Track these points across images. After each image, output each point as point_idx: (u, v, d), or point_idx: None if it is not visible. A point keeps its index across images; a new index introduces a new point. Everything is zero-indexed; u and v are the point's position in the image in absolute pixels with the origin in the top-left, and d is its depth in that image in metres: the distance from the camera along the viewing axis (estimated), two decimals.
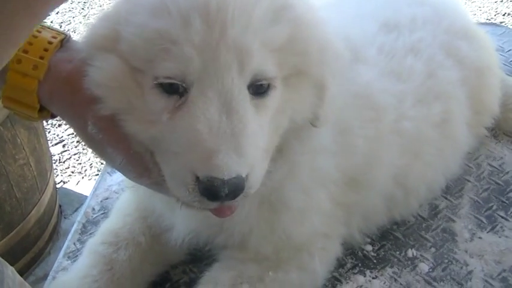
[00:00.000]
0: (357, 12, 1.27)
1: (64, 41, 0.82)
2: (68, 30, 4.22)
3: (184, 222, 1.00)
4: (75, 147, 3.21)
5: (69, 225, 2.51)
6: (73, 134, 3.30)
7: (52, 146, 3.35)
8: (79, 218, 1.25)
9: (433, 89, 1.16)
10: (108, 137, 0.79)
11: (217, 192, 0.69)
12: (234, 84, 0.71)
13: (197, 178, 0.70)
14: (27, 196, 2.44)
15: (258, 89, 0.75)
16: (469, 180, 1.29)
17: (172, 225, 1.03)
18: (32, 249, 2.48)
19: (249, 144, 0.71)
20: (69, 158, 3.14)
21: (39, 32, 0.81)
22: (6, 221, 2.31)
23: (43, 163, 2.54)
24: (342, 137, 1.00)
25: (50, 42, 0.80)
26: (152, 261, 1.08)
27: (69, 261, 1.15)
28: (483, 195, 1.25)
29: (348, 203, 1.06)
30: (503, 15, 4.25)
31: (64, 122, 3.46)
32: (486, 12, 4.31)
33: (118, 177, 1.34)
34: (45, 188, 2.49)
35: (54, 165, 2.84)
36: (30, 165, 2.44)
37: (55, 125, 3.59)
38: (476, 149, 1.37)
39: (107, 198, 1.29)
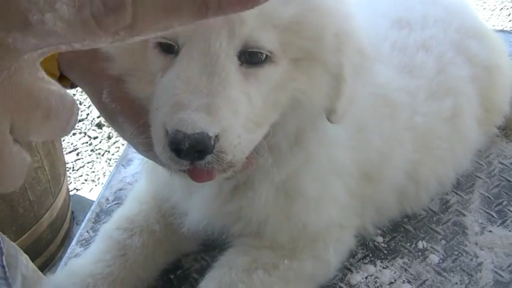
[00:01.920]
0: (368, 9, 1.30)
1: None
2: None
3: (201, 210, 1.01)
4: (89, 155, 3.24)
5: None
6: (87, 142, 3.34)
7: (66, 153, 3.39)
8: (93, 207, 1.27)
9: (444, 85, 1.18)
10: (121, 106, 0.81)
11: (178, 145, 0.69)
12: (221, 48, 0.72)
13: (167, 132, 0.71)
14: (40, 199, 2.46)
15: (251, 57, 0.75)
16: (479, 177, 1.30)
17: (188, 212, 1.04)
18: (43, 253, 2.49)
19: (224, 107, 0.71)
20: (82, 166, 3.17)
21: None
22: (19, 223, 2.33)
23: (57, 168, 2.57)
24: (358, 134, 1.02)
25: None
26: (165, 249, 1.09)
27: (82, 249, 1.17)
28: (494, 191, 1.26)
29: (362, 195, 1.07)
30: None
31: (77, 130, 3.50)
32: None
33: (132, 169, 1.36)
34: (59, 193, 2.51)
35: (68, 173, 2.87)
36: (45, 169, 2.47)
37: (69, 133, 3.63)
38: (488, 148, 1.37)
39: (120, 189, 1.31)
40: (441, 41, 1.24)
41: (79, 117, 3.78)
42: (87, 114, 3.82)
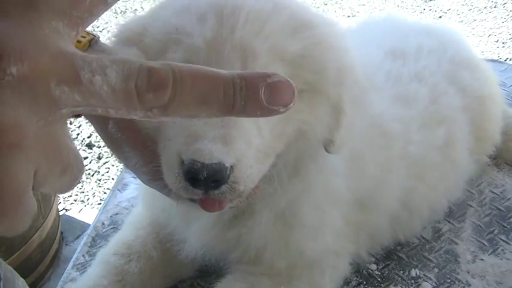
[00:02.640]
0: (363, 39, 1.33)
1: (92, 41, 0.86)
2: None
3: (199, 238, 1.02)
4: None
5: (70, 252, 2.51)
6: None
7: None
8: (89, 231, 1.28)
9: (437, 114, 1.21)
10: (126, 136, 0.82)
11: (196, 175, 0.70)
12: None
13: (182, 162, 0.72)
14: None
15: None
16: (471, 206, 1.32)
17: (186, 239, 1.04)
18: (32, 274, 2.47)
19: (238, 138, 0.73)
20: None
21: None
22: (7, 244, 2.31)
23: None
24: (353, 163, 1.03)
25: (78, 41, 0.84)
26: (162, 275, 1.10)
27: (78, 273, 1.17)
28: (485, 220, 1.28)
29: (357, 222, 1.09)
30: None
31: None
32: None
33: (128, 193, 1.37)
34: (49, 213, 2.50)
35: None
36: None
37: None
38: (479, 177, 1.40)
39: (116, 214, 1.32)
40: (434, 72, 1.27)
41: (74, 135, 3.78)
42: (77, 134, 3.81)
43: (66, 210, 3.00)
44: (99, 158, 3.39)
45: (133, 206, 1.28)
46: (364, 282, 1.14)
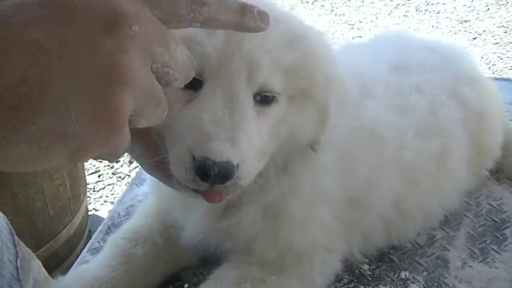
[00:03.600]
0: (371, 55, 1.41)
1: None
2: None
3: (196, 226, 1.11)
4: (110, 178, 3.36)
5: None
6: (109, 165, 3.47)
7: (88, 175, 3.52)
8: (105, 220, 1.38)
9: (434, 125, 1.27)
10: (133, 129, 0.91)
11: (208, 171, 0.79)
12: (241, 88, 0.84)
13: (193, 158, 0.81)
14: (59, 216, 2.55)
15: (264, 99, 0.88)
16: (467, 216, 1.37)
17: (185, 226, 1.14)
18: (58, 269, 2.59)
19: (244, 139, 0.83)
20: (103, 188, 3.29)
21: None
22: (37, 237, 2.44)
23: (78, 186, 2.67)
24: (344, 161, 1.11)
25: None
26: (166, 260, 1.19)
27: (92, 256, 1.27)
28: (479, 230, 1.33)
29: (348, 221, 1.16)
30: None
31: None
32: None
33: (144, 188, 1.47)
34: (77, 211, 2.62)
35: (88, 193, 2.99)
36: (66, 186, 2.57)
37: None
38: (478, 189, 1.45)
39: (132, 206, 1.42)
40: (435, 86, 1.33)
41: None
42: None
43: (96, 210, 3.13)
44: (131, 162, 3.52)
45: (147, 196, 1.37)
46: (355, 281, 1.20)
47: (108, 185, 3.33)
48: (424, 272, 1.22)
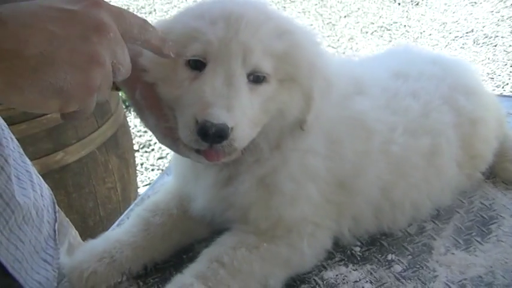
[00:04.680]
0: (376, 63, 1.57)
1: None
2: None
3: (203, 195, 1.30)
4: None
5: None
6: None
7: (143, 185, 3.78)
8: (136, 200, 1.60)
9: (425, 126, 1.39)
10: (147, 102, 1.13)
11: (207, 131, 1.00)
12: (237, 68, 1.06)
13: (196, 122, 1.02)
14: (109, 217, 2.78)
15: (256, 79, 1.09)
16: (458, 212, 1.49)
17: (195, 197, 1.34)
18: None
19: (238, 108, 1.03)
20: None
21: None
22: (88, 234, 2.68)
23: (128, 191, 2.91)
24: (332, 146, 1.26)
25: None
26: (180, 231, 1.38)
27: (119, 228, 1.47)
28: (467, 224, 1.44)
29: (338, 202, 1.30)
30: None
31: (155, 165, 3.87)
32: None
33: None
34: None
35: None
36: (117, 190, 2.81)
37: (148, 168, 4.05)
38: (473, 190, 1.56)
39: (160, 190, 1.62)
40: (431, 92, 1.45)
41: (159, 155, 4.19)
42: (167, 154, 4.23)
43: None
44: None
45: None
46: (346, 259, 1.35)
47: None
48: (409, 256, 1.35)
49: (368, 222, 1.38)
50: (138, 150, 4.31)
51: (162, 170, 4.07)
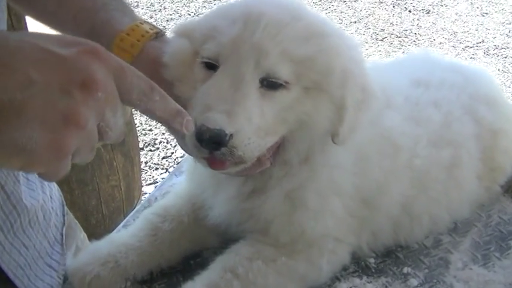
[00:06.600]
0: (396, 71, 1.52)
1: (159, 34, 1.15)
2: None
3: (223, 206, 1.24)
4: None
5: None
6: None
7: (146, 185, 3.74)
8: (143, 201, 1.55)
9: (446, 136, 1.35)
10: None
11: (201, 135, 0.95)
12: (247, 72, 0.99)
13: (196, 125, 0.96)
14: (112, 215, 2.75)
15: (270, 84, 1.02)
16: (476, 226, 1.45)
17: (213, 207, 1.27)
18: None
19: (241, 114, 0.97)
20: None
21: (142, 23, 1.14)
22: (89, 232, 2.64)
23: (132, 190, 2.88)
24: (361, 163, 1.21)
25: (147, 32, 1.13)
26: (190, 239, 1.32)
27: (124, 230, 1.43)
28: (485, 238, 1.40)
29: (360, 217, 1.26)
30: None
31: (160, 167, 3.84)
32: None
33: (181, 179, 1.63)
34: (130, 213, 2.82)
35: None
36: (121, 188, 2.78)
37: (152, 167, 4.01)
38: (491, 204, 1.52)
39: (168, 192, 1.57)
40: (452, 102, 1.41)
41: (164, 154, 4.16)
42: (172, 153, 4.19)
43: None
44: None
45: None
46: (360, 271, 1.31)
47: None
48: (426, 270, 1.31)
49: (386, 236, 1.34)
50: (142, 149, 4.26)
51: (167, 169, 4.04)
